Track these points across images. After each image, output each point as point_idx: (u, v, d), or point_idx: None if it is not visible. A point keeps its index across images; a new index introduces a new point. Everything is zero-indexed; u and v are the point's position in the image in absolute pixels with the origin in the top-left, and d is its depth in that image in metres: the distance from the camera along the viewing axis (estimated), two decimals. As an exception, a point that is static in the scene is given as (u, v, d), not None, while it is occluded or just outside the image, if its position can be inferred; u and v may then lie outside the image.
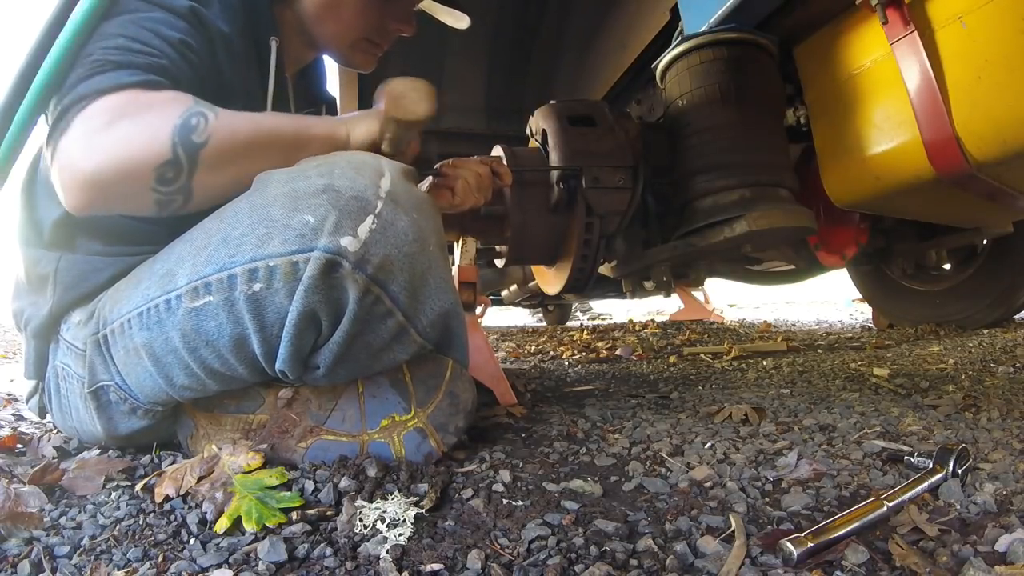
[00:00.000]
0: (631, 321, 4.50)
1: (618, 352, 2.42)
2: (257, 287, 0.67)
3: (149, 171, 0.68)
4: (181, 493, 0.69)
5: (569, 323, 5.47)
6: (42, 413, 0.94)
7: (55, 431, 1.02)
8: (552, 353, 2.59)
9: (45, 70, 0.70)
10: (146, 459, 0.85)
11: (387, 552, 0.55)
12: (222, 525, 0.61)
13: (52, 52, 0.70)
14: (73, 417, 0.87)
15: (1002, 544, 0.53)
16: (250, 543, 0.58)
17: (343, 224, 0.67)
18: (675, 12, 1.65)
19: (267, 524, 0.61)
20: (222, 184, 0.74)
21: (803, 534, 0.54)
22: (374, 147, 0.83)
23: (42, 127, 0.74)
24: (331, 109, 1.21)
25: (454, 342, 0.84)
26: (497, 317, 7.22)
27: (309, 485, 0.70)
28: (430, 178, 1.06)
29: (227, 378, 0.75)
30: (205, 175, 0.71)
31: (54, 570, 0.55)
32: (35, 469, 0.75)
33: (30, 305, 0.87)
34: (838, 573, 0.51)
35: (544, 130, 1.44)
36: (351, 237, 0.67)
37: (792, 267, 2.28)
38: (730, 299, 6.19)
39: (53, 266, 0.84)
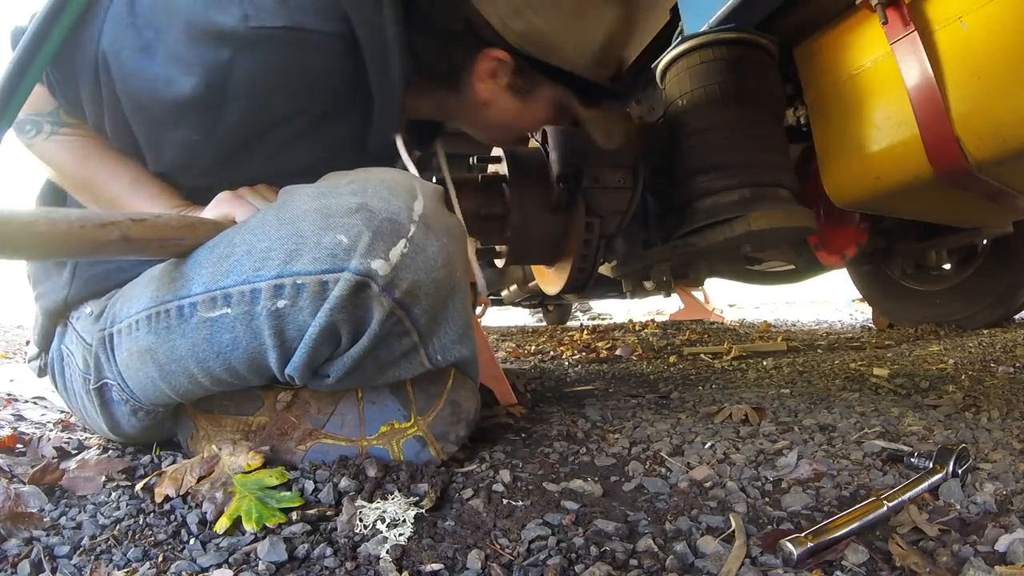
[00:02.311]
0: (631, 321, 4.50)
1: (618, 352, 2.41)
2: (281, 304, 0.66)
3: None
4: (181, 493, 0.69)
5: (569, 323, 5.46)
6: (41, 373, 0.94)
7: (55, 431, 1.02)
8: (552, 353, 2.59)
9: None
10: (146, 459, 0.85)
11: (387, 552, 0.55)
12: (222, 525, 0.61)
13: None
14: (77, 403, 0.88)
15: (1002, 544, 0.53)
16: (250, 543, 0.58)
17: (376, 246, 0.65)
18: (675, 12, 1.65)
19: (267, 524, 0.61)
20: (50, 174, 0.82)
21: (803, 534, 0.54)
22: None
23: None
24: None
25: (467, 362, 0.83)
26: (497, 317, 7.21)
27: (309, 485, 0.70)
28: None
29: (232, 385, 0.75)
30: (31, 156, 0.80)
31: (54, 570, 0.55)
32: (35, 469, 0.75)
33: (44, 285, 0.87)
34: (838, 573, 0.51)
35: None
36: (382, 260, 0.65)
37: (792, 267, 2.27)
38: (730, 299, 6.19)
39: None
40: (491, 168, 1.49)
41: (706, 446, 0.89)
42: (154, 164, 0.78)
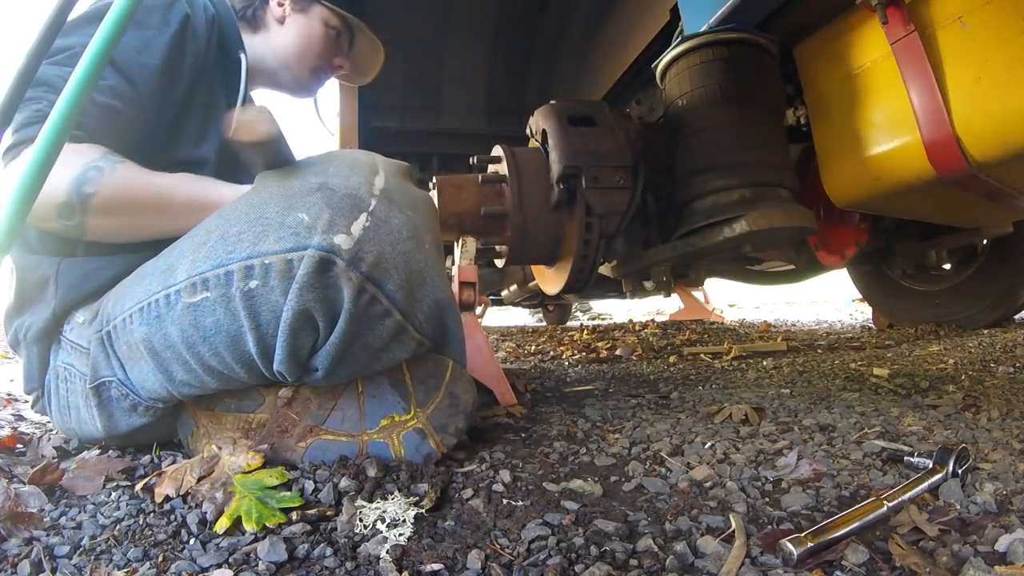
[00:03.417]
0: (631, 321, 4.50)
1: (618, 352, 2.41)
2: (253, 284, 0.68)
3: (51, 207, 0.78)
4: (181, 493, 0.69)
5: (569, 323, 5.46)
6: (41, 409, 0.94)
7: (55, 431, 1.02)
8: (552, 353, 2.59)
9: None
10: (146, 459, 0.85)
11: (387, 552, 0.55)
12: (222, 525, 0.61)
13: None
14: (72, 417, 0.87)
15: (1002, 544, 0.53)
16: (250, 543, 0.58)
17: (336, 222, 0.68)
18: (675, 12, 1.65)
19: (267, 524, 0.61)
20: (114, 227, 0.83)
21: (803, 534, 0.54)
22: None
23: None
24: None
25: (449, 339, 0.84)
26: (497, 317, 7.21)
27: (309, 485, 0.70)
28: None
29: (225, 377, 0.75)
30: (95, 218, 0.80)
31: (54, 570, 0.55)
32: (35, 469, 0.75)
33: (30, 314, 0.88)
34: (838, 573, 0.51)
35: (544, 130, 1.44)
36: (344, 235, 0.67)
37: (792, 267, 2.27)
38: (730, 299, 6.19)
39: (54, 268, 0.86)
40: (491, 168, 1.49)
41: (706, 446, 0.89)
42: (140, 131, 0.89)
